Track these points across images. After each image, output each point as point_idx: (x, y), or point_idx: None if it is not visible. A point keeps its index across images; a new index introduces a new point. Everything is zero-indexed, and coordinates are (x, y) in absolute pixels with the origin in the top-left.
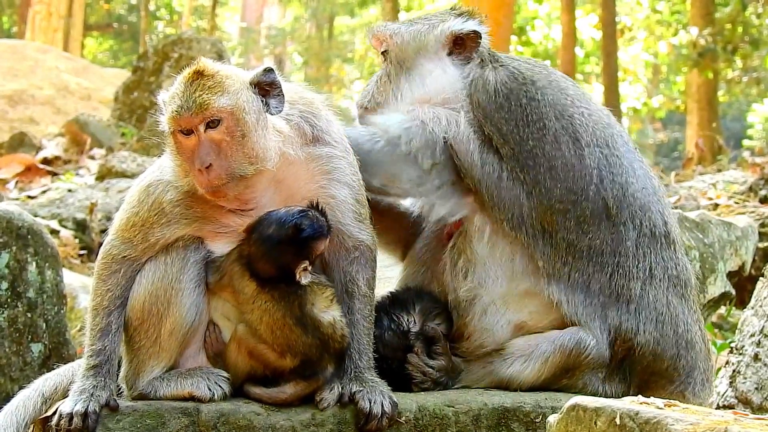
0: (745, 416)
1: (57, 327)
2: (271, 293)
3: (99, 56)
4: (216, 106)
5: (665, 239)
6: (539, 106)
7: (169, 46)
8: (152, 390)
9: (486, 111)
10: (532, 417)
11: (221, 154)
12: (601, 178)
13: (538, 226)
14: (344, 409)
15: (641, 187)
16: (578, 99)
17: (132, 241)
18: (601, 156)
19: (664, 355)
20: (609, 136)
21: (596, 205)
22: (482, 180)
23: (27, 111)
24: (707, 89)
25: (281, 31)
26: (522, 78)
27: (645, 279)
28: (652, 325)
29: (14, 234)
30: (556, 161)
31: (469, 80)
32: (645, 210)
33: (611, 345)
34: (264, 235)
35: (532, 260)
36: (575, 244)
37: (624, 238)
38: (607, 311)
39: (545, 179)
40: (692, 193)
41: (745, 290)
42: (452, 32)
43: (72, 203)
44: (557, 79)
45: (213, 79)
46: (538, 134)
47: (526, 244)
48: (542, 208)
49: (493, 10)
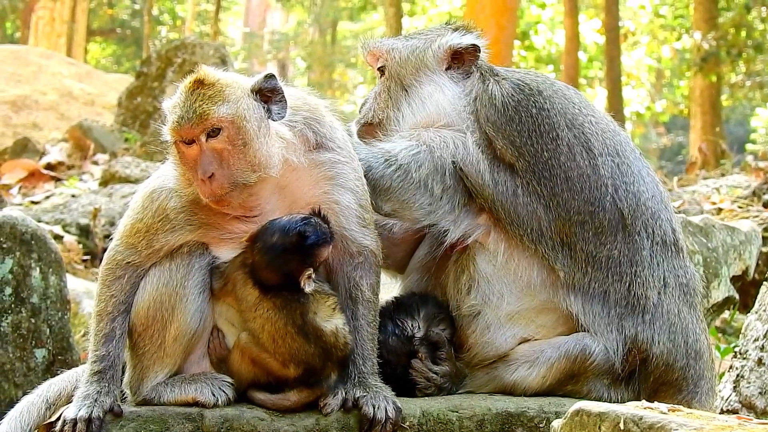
0: (749, 420)
1: (61, 332)
2: (274, 301)
3: (102, 61)
4: (216, 115)
5: (675, 247)
6: (549, 116)
7: (173, 51)
8: (156, 395)
9: (496, 125)
10: (536, 422)
11: (223, 163)
12: (616, 187)
13: (557, 238)
14: (348, 415)
15: (651, 195)
16: (584, 107)
17: (136, 247)
18: (613, 165)
19: (675, 365)
20: (618, 144)
21: (613, 216)
22: (496, 198)
23: (30, 116)
24: (710, 93)
25: (284, 35)
26: (528, 89)
27: (660, 288)
28: (665, 335)
29: (18, 239)
30: (572, 172)
31: (473, 97)
32: (656, 218)
33: (625, 355)
34: (268, 243)
35: (552, 272)
36: (594, 255)
37: (640, 247)
38: (624, 322)
39: (562, 191)
40: (696, 197)
41: (748, 295)
42: (450, 47)
43: (75, 209)
44: (561, 88)
45: (213, 88)
46: (552, 145)
47: (545, 258)
48: (560, 221)
49: (496, 14)
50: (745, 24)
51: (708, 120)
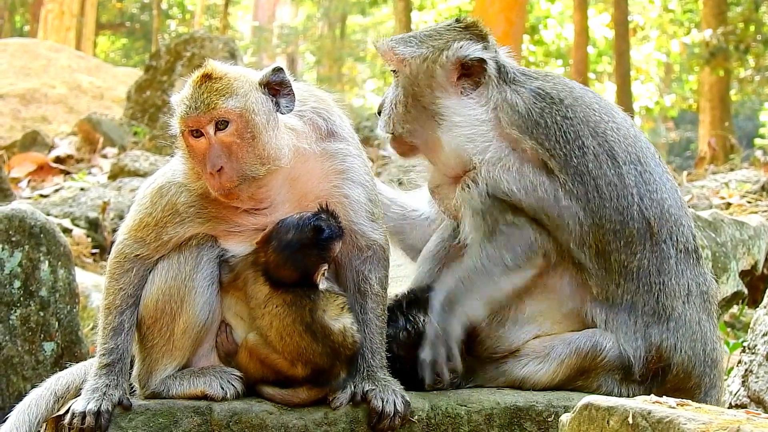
0: (758, 415)
1: (69, 326)
2: (284, 297)
3: (111, 55)
4: (224, 107)
5: (695, 254)
6: (573, 124)
7: (182, 45)
8: (165, 389)
9: (522, 128)
10: (544, 416)
11: (232, 157)
12: (641, 196)
13: (594, 247)
14: (357, 408)
15: (673, 202)
16: (605, 113)
17: (145, 240)
18: (636, 173)
19: (693, 372)
20: (639, 151)
21: (641, 225)
22: (537, 205)
23: (39, 110)
24: (719, 88)
25: (293, 30)
26: (549, 98)
27: (684, 298)
28: (687, 343)
29: (27, 233)
30: (600, 180)
31: (492, 106)
32: (678, 225)
33: (646, 362)
34: (284, 241)
35: (584, 285)
36: (626, 265)
37: (667, 256)
38: (651, 330)
39: (594, 197)
40: (705, 192)
41: (757, 289)
42: (458, 58)
43: (84, 202)
44: (580, 94)
45: (221, 82)
46: (579, 152)
47: (579, 268)
48: (595, 227)
49: (505, 9)
50: (754, 19)
51: (717, 115)
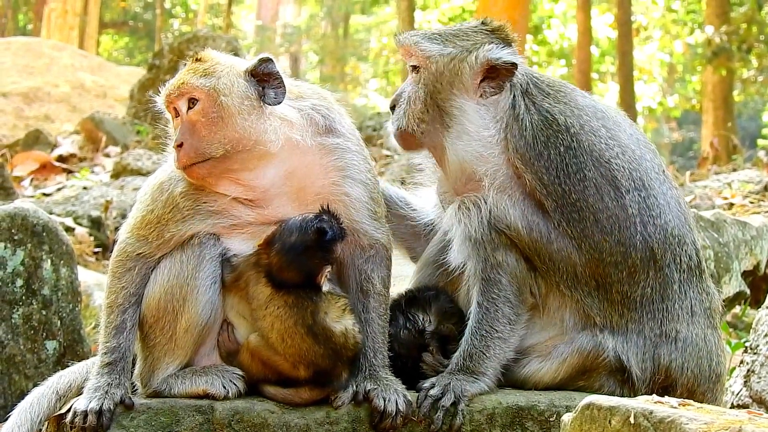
0: (760, 416)
1: (72, 324)
2: (285, 299)
3: (114, 54)
4: (192, 84)
5: (698, 270)
6: (576, 155)
7: (185, 44)
8: (167, 387)
9: (524, 158)
10: (546, 416)
11: (194, 134)
12: (645, 224)
13: (592, 282)
14: (359, 408)
15: (677, 222)
16: (611, 137)
17: (147, 238)
18: (640, 199)
19: (697, 390)
20: (644, 173)
21: (644, 254)
22: (530, 246)
23: (42, 108)
24: (722, 88)
25: (296, 29)
26: (556, 124)
27: (688, 318)
28: (693, 361)
29: (29, 231)
30: (601, 214)
31: (503, 125)
32: (682, 245)
33: (652, 382)
34: (288, 243)
35: (587, 317)
36: (629, 295)
37: (670, 281)
38: (659, 350)
39: (593, 232)
40: (707, 192)
41: (759, 290)
42: (488, 60)
43: (87, 201)
44: (588, 119)
45: (204, 64)
46: (579, 186)
47: (579, 302)
48: (594, 263)
49: (509, 9)
50: (757, 19)
51: (720, 115)
